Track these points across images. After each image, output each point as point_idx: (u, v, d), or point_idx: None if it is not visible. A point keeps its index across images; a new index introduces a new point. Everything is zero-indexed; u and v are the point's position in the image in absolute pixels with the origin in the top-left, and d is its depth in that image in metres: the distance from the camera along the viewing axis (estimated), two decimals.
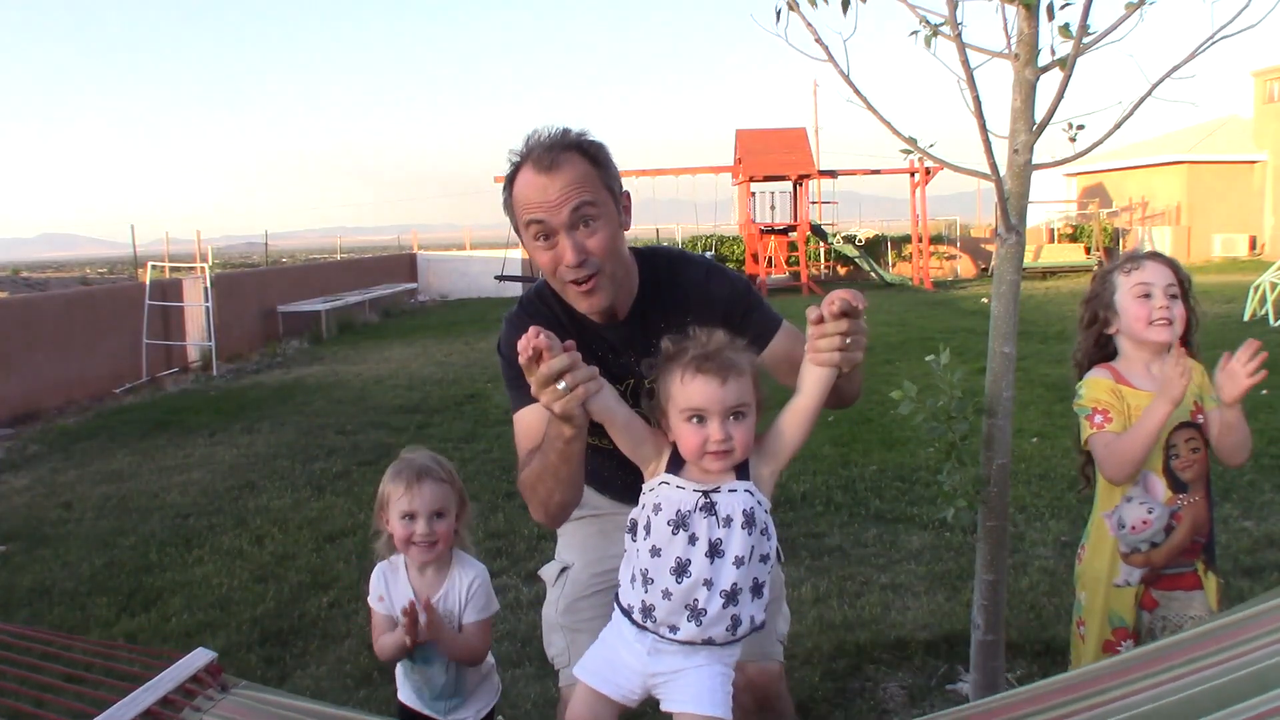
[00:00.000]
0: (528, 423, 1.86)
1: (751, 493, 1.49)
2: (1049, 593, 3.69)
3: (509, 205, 1.83)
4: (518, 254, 21.25)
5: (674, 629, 1.46)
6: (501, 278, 18.13)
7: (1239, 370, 2.04)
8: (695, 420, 1.45)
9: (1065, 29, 2.16)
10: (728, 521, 1.46)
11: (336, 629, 3.74)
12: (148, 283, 11.40)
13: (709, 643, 1.47)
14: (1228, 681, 1.50)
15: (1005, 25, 2.19)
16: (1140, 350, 2.23)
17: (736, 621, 1.47)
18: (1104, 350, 2.31)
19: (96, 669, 1.96)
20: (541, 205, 1.73)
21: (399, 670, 2.25)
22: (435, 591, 2.15)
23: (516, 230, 1.85)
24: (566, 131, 1.78)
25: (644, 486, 1.54)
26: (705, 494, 1.47)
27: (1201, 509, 2.19)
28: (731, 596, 1.45)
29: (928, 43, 2.22)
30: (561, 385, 1.42)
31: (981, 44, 2.23)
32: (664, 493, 1.49)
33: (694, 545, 1.44)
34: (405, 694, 2.27)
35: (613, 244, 1.80)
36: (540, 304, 1.97)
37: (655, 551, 1.46)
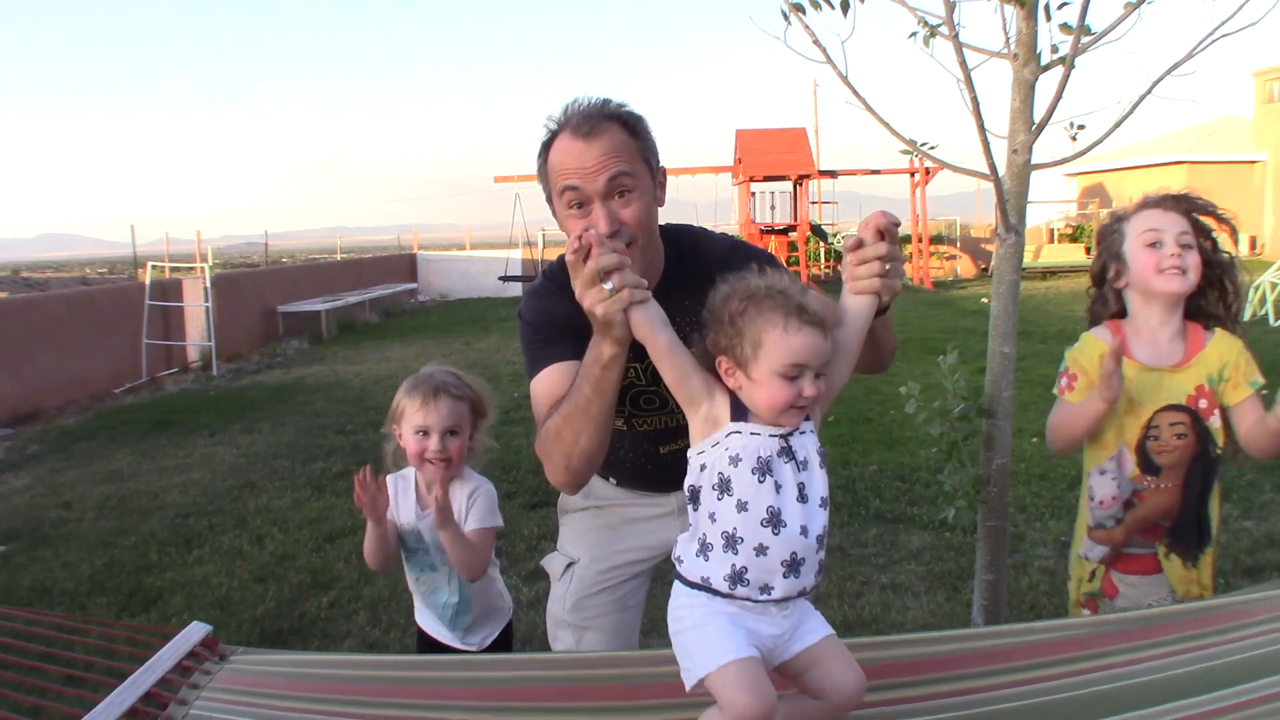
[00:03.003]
0: (547, 384, 1.80)
1: (814, 433, 1.43)
2: (1049, 593, 3.70)
3: (543, 172, 1.78)
4: (518, 254, 21.26)
5: (767, 588, 1.34)
6: (505, 278, 18.16)
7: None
8: (790, 376, 1.34)
9: (1066, 26, 2.16)
10: (805, 464, 1.38)
11: (336, 629, 3.74)
12: (148, 283, 11.39)
13: (802, 594, 1.38)
14: (1223, 664, 1.52)
15: (1004, 25, 2.19)
16: (1150, 305, 2.05)
17: (822, 566, 1.40)
18: (1113, 307, 2.14)
19: (95, 650, 1.97)
20: (578, 171, 1.69)
21: (412, 587, 2.30)
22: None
23: (549, 199, 1.81)
24: (607, 101, 1.75)
25: (700, 445, 1.41)
26: (783, 437, 1.37)
27: (1173, 496, 2.03)
28: (822, 540, 1.38)
29: (926, 43, 2.23)
30: (608, 285, 1.38)
31: (980, 44, 2.24)
32: (738, 442, 1.36)
33: (780, 493, 1.35)
34: (422, 617, 2.32)
35: (647, 217, 1.76)
36: (564, 274, 1.94)
37: (742, 506, 1.34)
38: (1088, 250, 22.85)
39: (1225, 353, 2.05)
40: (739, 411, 1.39)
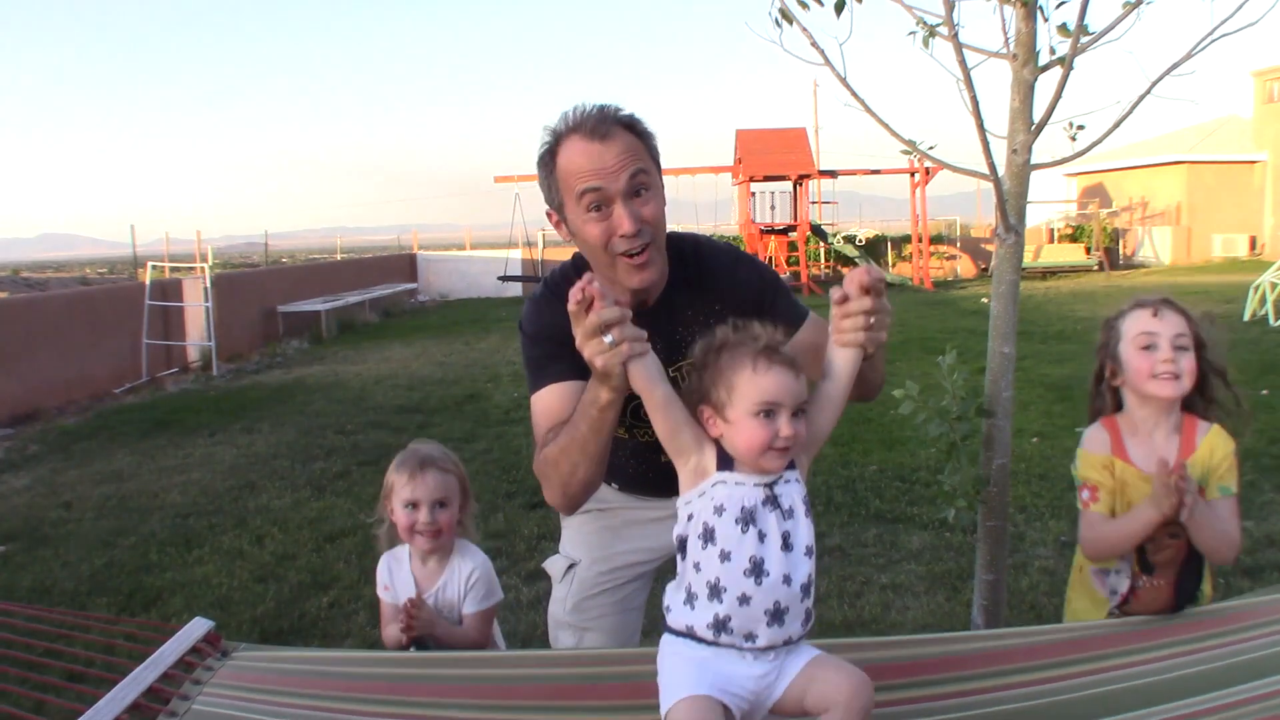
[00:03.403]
0: (547, 403, 1.80)
1: (800, 481, 1.44)
2: (1049, 593, 3.70)
3: (552, 179, 1.77)
4: (518, 254, 21.26)
5: (751, 636, 1.36)
6: (504, 278, 18.16)
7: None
8: (764, 415, 1.36)
9: (1064, 27, 2.16)
10: (791, 513, 1.40)
11: (336, 629, 3.74)
12: (148, 283, 11.39)
13: (788, 643, 1.39)
14: (1223, 665, 1.52)
15: (1003, 25, 2.19)
16: (1144, 406, 2.03)
17: (809, 615, 1.41)
18: (1110, 406, 2.12)
19: (95, 646, 1.98)
20: (598, 172, 1.69)
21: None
22: (436, 581, 2.17)
23: (558, 207, 1.80)
24: (605, 107, 1.75)
25: (687, 495, 1.44)
26: (768, 486, 1.39)
27: (1166, 594, 1.99)
28: (807, 589, 1.39)
29: (925, 43, 2.23)
30: (608, 339, 1.38)
31: (979, 44, 2.24)
32: (723, 492, 1.39)
33: (764, 542, 1.36)
34: None
35: (662, 216, 1.78)
36: (566, 284, 1.93)
37: (725, 556, 1.36)
38: (1088, 250, 22.87)
39: (1214, 453, 2.02)
40: (725, 462, 1.42)
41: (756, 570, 1.35)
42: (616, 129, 1.72)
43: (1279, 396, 6.82)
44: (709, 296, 1.91)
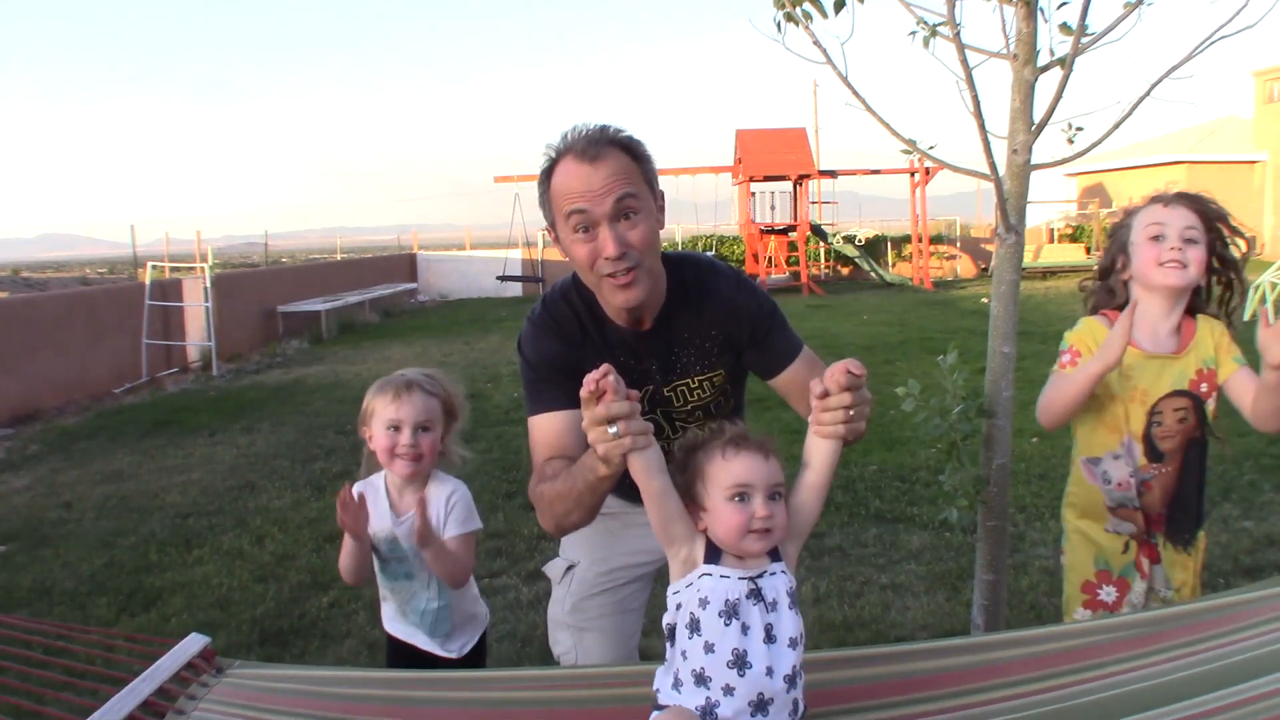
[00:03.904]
0: (544, 430, 1.85)
1: (787, 573, 1.47)
2: (1049, 592, 3.70)
3: (546, 197, 1.80)
4: (518, 254, 21.25)
5: None
6: (503, 278, 18.14)
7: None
8: (738, 499, 1.41)
9: (1065, 27, 2.16)
10: (774, 605, 1.43)
11: (336, 629, 3.74)
12: (148, 283, 11.39)
13: None
14: (1222, 666, 1.52)
15: (1004, 25, 2.19)
16: (1150, 298, 2.08)
17: (797, 706, 1.42)
18: (1116, 299, 2.17)
19: (97, 660, 1.97)
20: (585, 194, 1.71)
21: (382, 592, 2.26)
22: (414, 507, 2.15)
23: (552, 225, 1.83)
24: (605, 128, 1.77)
25: (676, 585, 1.47)
26: (752, 579, 1.43)
27: (1172, 479, 2.08)
28: (792, 680, 1.41)
29: (926, 43, 2.23)
30: (613, 430, 1.39)
31: (980, 44, 2.24)
32: (708, 584, 1.42)
33: (748, 634, 1.39)
34: (394, 626, 2.25)
35: (652, 239, 1.79)
36: (564, 302, 1.94)
37: (710, 647, 1.39)
38: (1088, 250, 22.85)
39: (1214, 333, 2.11)
40: (714, 555, 1.44)
41: (739, 662, 1.38)
42: (610, 150, 1.73)
43: None
44: (705, 320, 1.93)
